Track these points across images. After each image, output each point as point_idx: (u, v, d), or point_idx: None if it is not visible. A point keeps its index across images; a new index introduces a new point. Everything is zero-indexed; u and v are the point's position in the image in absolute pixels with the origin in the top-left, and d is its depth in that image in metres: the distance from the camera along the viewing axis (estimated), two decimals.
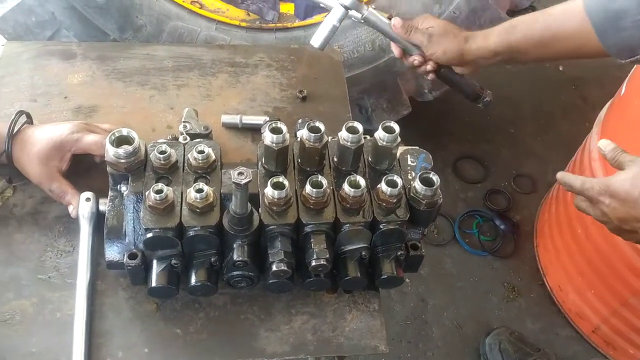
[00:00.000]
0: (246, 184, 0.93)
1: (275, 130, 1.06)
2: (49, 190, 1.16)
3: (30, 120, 1.22)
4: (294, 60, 1.57)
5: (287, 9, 2.06)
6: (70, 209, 1.15)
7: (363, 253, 1.09)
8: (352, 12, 1.38)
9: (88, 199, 1.13)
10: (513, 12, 2.25)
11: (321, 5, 1.99)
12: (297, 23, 2.04)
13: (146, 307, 1.08)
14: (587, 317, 2.13)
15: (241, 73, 1.52)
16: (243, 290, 1.11)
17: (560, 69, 3.34)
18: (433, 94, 2.25)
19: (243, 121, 1.37)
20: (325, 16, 1.42)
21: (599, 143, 1.11)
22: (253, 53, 1.57)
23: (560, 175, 1.15)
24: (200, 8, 1.97)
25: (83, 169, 1.24)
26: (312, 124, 1.07)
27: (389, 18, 1.41)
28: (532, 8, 3.64)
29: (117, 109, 1.39)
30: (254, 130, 1.38)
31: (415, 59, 1.42)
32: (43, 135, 1.16)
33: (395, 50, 1.46)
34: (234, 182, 0.93)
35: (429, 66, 1.42)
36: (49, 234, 1.15)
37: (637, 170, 1.02)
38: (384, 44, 2.07)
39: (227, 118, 1.38)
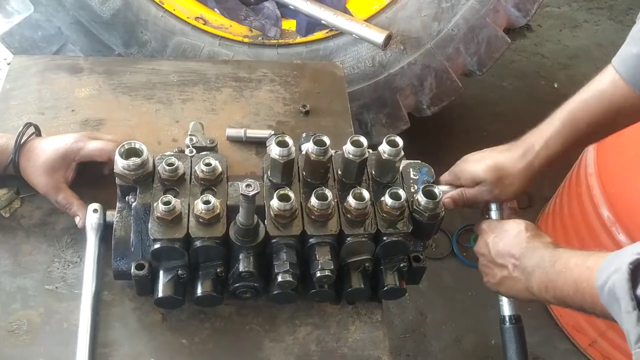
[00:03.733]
0: (254, 195, 0.95)
1: (282, 144, 1.08)
2: (55, 202, 1.18)
3: (38, 132, 1.24)
4: (296, 75, 1.60)
5: (289, 25, 2.09)
6: (77, 220, 1.17)
7: (367, 264, 1.11)
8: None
9: (96, 210, 1.15)
10: (508, 30, 2.29)
11: (322, 22, 2.05)
12: (299, 39, 2.08)
13: (152, 318, 1.09)
14: (584, 331, 2.15)
15: (245, 88, 1.54)
16: (248, 301, 1.12)
17: (555, 86, 3.40)
18: (431, 109, 2.29)
19: (247, 135, 1.40)
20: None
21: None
22: (256, 68, 1.60)
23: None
24: (204, 24, 2.01)
25: (90, 181, 1.26)
26: (317, 137, 1.09)
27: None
28: (527, 27, 3.73)
29: (124, 122, 1.42)
30: (258, 144, 1.41)
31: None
32: (48, 146, 1.19)
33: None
34: (241, 194, 0.95)
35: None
36: (56, 245, 1.16)
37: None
38: (384, 60, 2.11)
39: (231, 132, 1.40)
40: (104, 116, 1.42)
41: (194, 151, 1.24)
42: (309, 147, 1.10)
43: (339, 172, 1.16)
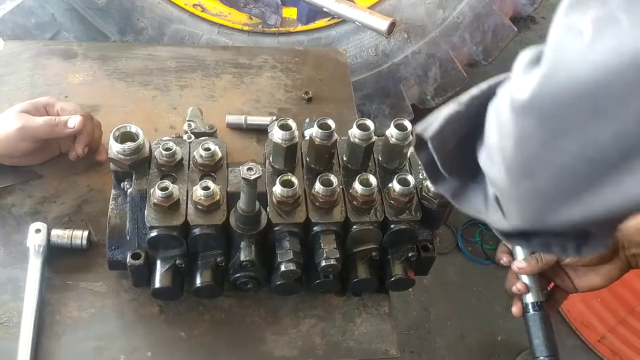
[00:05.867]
0: (255, 179, 0.90)
1: (285, 127, 1.03)
2: (35, 135, 1.09)
3: None
4: (298, 62, 1.55)
5: (290, 13, 2.04)
6: (71, 122, 1.10)
7: (373, 254, 1.06)
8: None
9: (38, 230, 1.05)
10: (515, 19, 2.25)
11: (324, 10, 1.99)
12: (300, 28, 2.03)
13: (149, 310, 1.04)
14: (593, 326, 2.10)
15: (245, 74, 1.49)
16: (249, 293, 1.07)
17: None
18: (436, 100, 2.24)
19: (248, 122, 1.35)
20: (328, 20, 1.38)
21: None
22: (257, 54, 1.55)
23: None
24: (202, 11, 1.96)
25: (82, 169, 1.22)
26: (322, 121, 1.04)
27: None
28: (531, 19, 3.68)
29: (119, 108, 1.36)
30: (259, 131, 1.36)
31: None
32: (6, 111, 1.12)
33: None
34: (243, 178, 0.90)
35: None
36: None
37: None
38: (387, 49, 2.06)
39: (231, 118, 1.35)
40: (99, 102, 1.37)
41: (192, 137, 1.19)
42: (313, 131, 1.05)
43: (344, 158, 1.11)
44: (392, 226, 1.04)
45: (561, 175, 0.57)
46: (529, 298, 1.11)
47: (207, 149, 1.05)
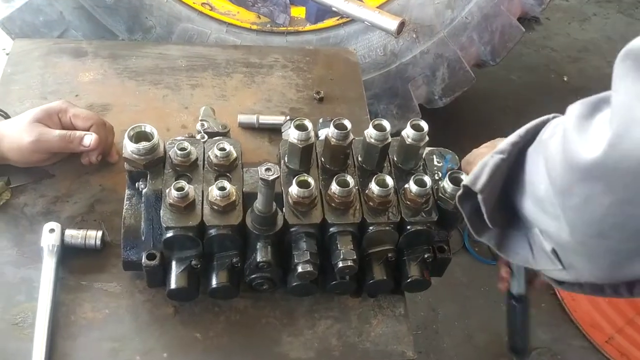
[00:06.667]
0: (274, 180, 0.89)
1: (301, 127, 1.02)
2: (49, 148, 1.09)
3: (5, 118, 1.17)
4: (309, 61, 1.54)
5: (299, 12, 2.04)
6: (87, 140, 1.11)
7: (389, 255, 1.06)
8: None
9: (52, 230, 1.04)
10: (523, 20, 2.24)
11: (333, 9, 1.99)
12: (309, 27, 2.02)
13: (164, 311, 1.04)
14: (601, 327, 2.10)
15: (256, 73, 1.49)
16: (264, 294, 1.06)
17: (565, 79, 3.35)
18: (443, 100, 2.23)
19: (260, 121, 1.34)
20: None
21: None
22: (267, 54, 1.55)
23: None
24: (210, 10, 1.95)
25: (94, 169, 1.21)
26: (338, 121, 1.04)
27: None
28: (535, 20, 3.67)
29: (130, 107, 1.36)
30: (271, 131, 1.35)
31: None
32: (22, 115, 1.11)
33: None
34: (261, 179, 0.89)
35: None
36: None
37: None
38: (396, 49, 2.06)
39: (243, 118, 1.34)
40: (110, 101, 1.36)
41: (206, 137, 1.18)
42: (328, 131, 1.04)
43: (359, 158, 1.10)
44: (408, 227, 1.03)
45: (635, 236, 0.56)
46: (514, 288, 1.15)
47: (223, 149, 1.04)
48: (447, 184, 1.04)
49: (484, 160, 0.73)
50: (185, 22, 1.92)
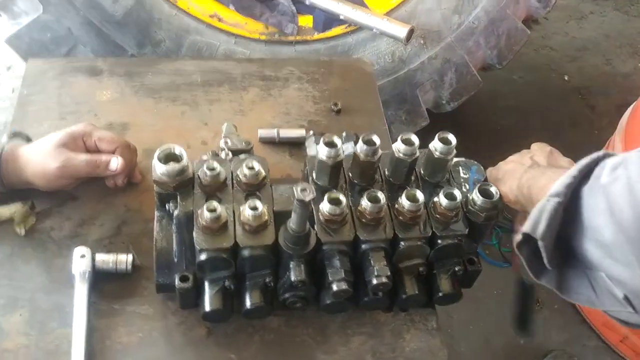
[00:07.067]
0: (310, 200, 0.89)
1: (330, 144, 1.02)
2: (75, 173, 1.09)
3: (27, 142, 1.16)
4: (324, 72, 1.54)
5: (306, 21, 2.03)
6: (113, 164, 1.10)
7: (420, 269, 1.06)
8: None
9: (83, 256, 1.03)
10: (527, 22, 2.25)
11: (341, 17, 1.99)
12: (317, 36, 2.03)
13: (197, 332, 1.03)
14: (615, 327, 2.11)
15: (272, 87, 1.48)
16: (296, 312, 1.06)
17: (566, 78, 3.36)
18: (451, 105, 2.24)
19: (280, 135, 1.34)
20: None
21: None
22: (282, 66, 1.54)
23: None
24: (219, 22, 1.94)
25: (118, 190, 1.20)
26: (367, 137, 1.04)
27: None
28: (533, 20, 3.69)
29: (149, 126, 1.35)
30: (291, 145, 1.35)
31: None
32: (47, 137, 1.11)
33: None
34: (297, 200, 0.89)
35: None
36: None
37: None
38: (404, 55, 2.06)
39: (264, 133, 1.34)
40: (128, 120, 1.35)
41: (230, 154, 1.18)
42: (357, 147, 1.04)
43: (386, 173, 1.10)
44: (439, 241, 1.04)
45: None
46: (522, 273, 1.16)
47: (251, 168, 1.04)
48: (476, 197, 1.04)
49: (540, 205, 0.73)
50: (194, 35, 1.92)
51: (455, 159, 1.16)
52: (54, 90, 1.38)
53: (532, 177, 0.96)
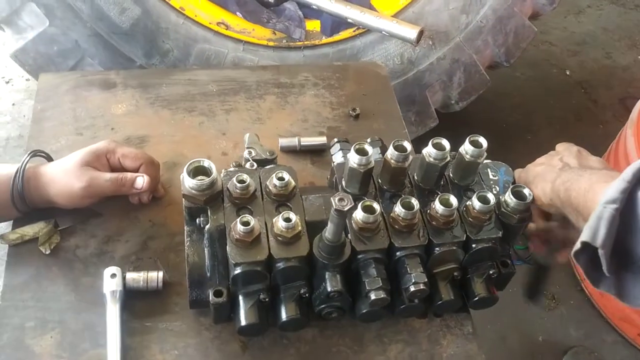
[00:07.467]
0: (348, 210, 0.88)
1: (361, 152, 1.01)
2: (100, 192, 1.08)
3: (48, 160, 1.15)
4: (339, 77, 1.53)
5: (314, 26, 2.02)
6: (139, 182, 1.09)
7: (455, 273, 1.05)
8: None
9: (114, 275, 1.01)
10: (533, 20, 2.24)
11: (349, 21, 1.97)
12: (325, 40, 2.01)
13: (233, 347, 1.01)
14: (632, 321, 2.10)
15: (288, 94, 1.47)
16: (330, 322, 1.05)
17: (567, 73, 3.37)
18: (460, 104, 2.23)
19: (302, 143, 1.32)
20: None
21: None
22: (297, 72, 1.53)
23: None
24: (226, 29, 1.93)
25: (141, 205, 1.18)
26: (397, 143, 1.02)
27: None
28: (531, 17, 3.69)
29: (168, 137, 1.33)
30: (312, 152, 1.34)
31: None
32: (71, 156, 1.09)
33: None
34: (335, 210, 0.87)
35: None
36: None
37: None
38: (413, 56, 2.05)
39: (284, 142, 1.33)
40: (146, 132, 1.33)
41: (255, 165, 1.16)
42: (388, 153, 1.03)
43: (416, 177, 1.09)
44: (473, 245, 1.03)
45: None
46: (541, 258, 1.23)
47: (282, 179, 1.02)
48: (509, 199, 1.03)
49: (597, 212, 0.72)
50: (202, 43, 1.90)
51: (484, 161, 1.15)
52: (68, 105, 1.36)
53: (567, 180, 0.95)
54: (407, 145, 1.03)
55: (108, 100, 1.39)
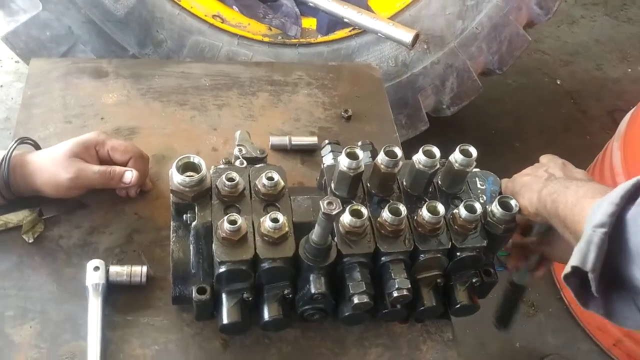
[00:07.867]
0: (336, 214, 0.88)
1: (352, 155, 1.01)
2: (88, 184, 1.07)
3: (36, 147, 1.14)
4: (333, 78, 1.53)
5: (310, 24, 2.02)
6: (128, 176, 1.08)
7: (438, 280, 1.05)
8: None
9: (97, 268, 1.00)
10: (528, 28, 2.26)
11: (345, 20, 1.97)
12: (320, 39, 2.01)
13: (214, 344, 1.01)
14: (608, 331, 2.14)
15: (281, 92, 1.47)
16: (313, 323, 1.05)
17: (558, 82, 3.40)
18: (451, 109, 2.24)
19: (292, 142, 1.32)
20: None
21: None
22: (291, 71, 1.53)
23: None
24: (221, 22, 1.92)
25: (128, 197, 1.17)
26: (388, 148, 1.03)
27: None
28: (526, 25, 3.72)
29: (158, 130, 1.32)
30: (303, 152, 1.34)
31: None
32: (59, 146, 1.08)
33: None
34: (323, 213, 0.88)
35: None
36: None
37: None
38: (407, 59, 2.06)
39: (275, 140, 1.32)
40: (136, 124, 1.32)
41: (244, 162, 1.16)
42: (378, 158, 1.03)
43: (404, 183, 1.09)
44: (458, 253, 1.03)
45: None
46: (516, 278, 1.29)
47: (271, 179, 1.02)
48: (496, 209, 1.04)
49: (586, 237, 0.73)
50: (196, 35, 1.89)
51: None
52: (58, 92, 1.35)
53: (554, 191, 0.96)
54: (398, 152, 1.03)
55: (99, 89, 1.37)
